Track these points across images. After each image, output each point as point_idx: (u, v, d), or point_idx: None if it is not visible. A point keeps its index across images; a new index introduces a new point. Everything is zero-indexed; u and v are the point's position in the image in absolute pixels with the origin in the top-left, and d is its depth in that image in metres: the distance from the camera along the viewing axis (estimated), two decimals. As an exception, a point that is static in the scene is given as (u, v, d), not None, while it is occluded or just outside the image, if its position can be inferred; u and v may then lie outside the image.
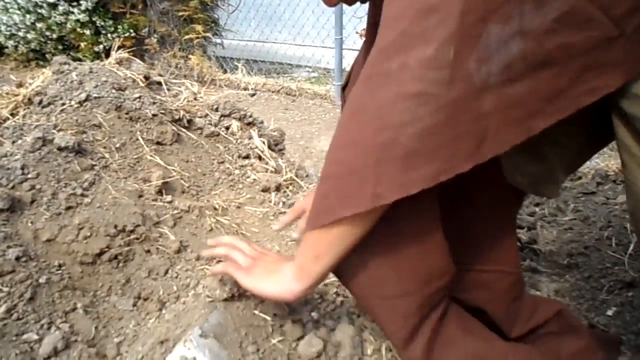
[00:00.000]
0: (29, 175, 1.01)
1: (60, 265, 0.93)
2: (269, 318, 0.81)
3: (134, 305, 0.93)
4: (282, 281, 0.69)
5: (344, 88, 0.90)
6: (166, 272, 0.98)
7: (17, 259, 0.87)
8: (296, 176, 1.35)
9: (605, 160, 1.97)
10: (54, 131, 1.13)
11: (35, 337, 0.81)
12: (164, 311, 0.90)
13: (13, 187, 0.98)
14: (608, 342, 0.86)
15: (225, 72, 4.01)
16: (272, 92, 3.63)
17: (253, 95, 3.54)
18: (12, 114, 1.32)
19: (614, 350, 0.87)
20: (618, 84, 0.55)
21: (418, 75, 0.54)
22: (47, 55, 4.13)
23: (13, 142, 1.14)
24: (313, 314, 0.86)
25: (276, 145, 1.47)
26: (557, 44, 0.54)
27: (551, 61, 0.54)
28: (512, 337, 0.82)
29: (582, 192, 1.75)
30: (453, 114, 0.54)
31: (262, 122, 1.47)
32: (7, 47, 4.22)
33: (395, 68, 0.55)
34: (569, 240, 1.45)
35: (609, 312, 1.11)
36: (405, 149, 0.55)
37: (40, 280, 0.88)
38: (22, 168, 1.02)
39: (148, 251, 1.00)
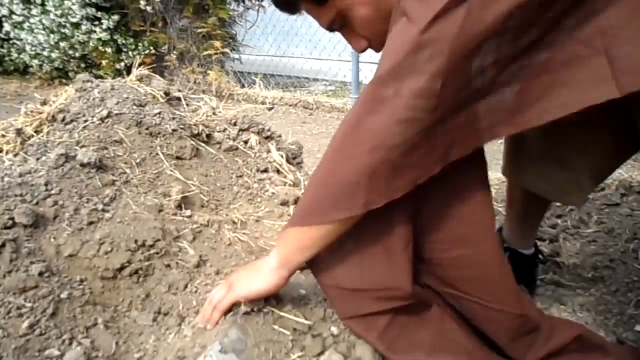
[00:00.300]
0: (52, 192, 1.03)
1: (81, 281, 0.94)
2: (288, 333, 0.81)
3: (154, 320, 0.93)
4: (268, 273, 0.78)
5: None
6: (185, 286, 0.98)
7: (40, 274, 0.89)
8: (314, 190, 1.35)
9: (629, 171, 1.93)
10: (76, 147, 1.15)
11: (57, 352, 0.82)
12: (183, 326, 0.90)
13: (37, 203, 1.00)
14: (637, 359, 0.84)
15: (243, 86, 4.06)
16: (290, 105, 3.66)
17: (271, 109, 3.58)
18: (36, 131, 1.35)
19: (644, 366, 0.85)
20: (609, 96, 0.60)
21: (410, 104, 0.63)
22: (70, 74, 4.24)
23: (37, 158, 1.16)
24: (333, 328, 0.85)
25: (294, 159, 1.47)
26: (520, 66, 0.63)
27: (514, 80, 0.63)
28: None
29: (605, 203, 1.71)
30: (432, 132, 0.64)
31: (280, 136, 1.48)
32: (31, 67, 4.35)
33: (390, 95, 0.64)
34: (593, 253, 1.42)
35: (638, 327, 1.08)
36: (394, 165, 0.65)
37: (62, 296, 0.89)
38: (46, 184, 1.04)
39: (168, 266, 1.00)
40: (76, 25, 3.99)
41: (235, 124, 1.44)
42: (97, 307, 0.91)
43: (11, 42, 4.33)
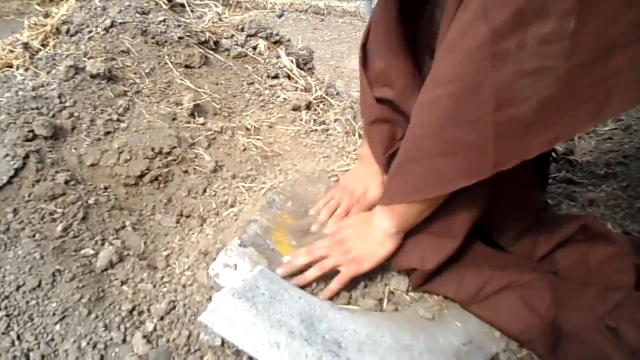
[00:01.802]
0: (67, 104, 1.05)
1: (105, 188, 0.98)
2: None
3: (177, 222, 0.98)
4: (386, 240, 0.77)
5: (364, 45, 0.89)
6: (204, 190, 1.02)
7: (67, 182, 0.93)
8: (326, 94, 1.33)
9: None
10: (84, 59, 1.14)
11: (92, 252, 0.88)
12: (205, 226, 0.96)
13: (53, 116, 1.02)
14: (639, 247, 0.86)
15: (249, -8, 3.86)
16: (300, 11, 3.51)
17: (280, 16, 3.44)
18: (43, 45, 1.34)
19: (645, 255, 0.86)
20: None
21: (537, 53, 0.54)
22: (70, -13, 4.07)
23: (47, 72, 1.17)
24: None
25: (305, 64, 1.44)
26: None
27: None
28: (538, 258, 0.83)
29: (625, 100, 1.67)
30: (572, 81, 0.55)
31: (289, 41, 1.44)
32: (30, -20, 4.17)
33: (512, 48, 0.55)
34: (607, 150, 1.41)
35: (646, 219, 1.10)
36: (525, 122, 0.58)
37: (90, 202, 0.93)
38: (60, 97, 1.05)
39: (186, 171, 1.04)
40: None
41: (242, 30, 1.40)
42: (123, 212, 0.96)
43: (5, -46, 4.12)
